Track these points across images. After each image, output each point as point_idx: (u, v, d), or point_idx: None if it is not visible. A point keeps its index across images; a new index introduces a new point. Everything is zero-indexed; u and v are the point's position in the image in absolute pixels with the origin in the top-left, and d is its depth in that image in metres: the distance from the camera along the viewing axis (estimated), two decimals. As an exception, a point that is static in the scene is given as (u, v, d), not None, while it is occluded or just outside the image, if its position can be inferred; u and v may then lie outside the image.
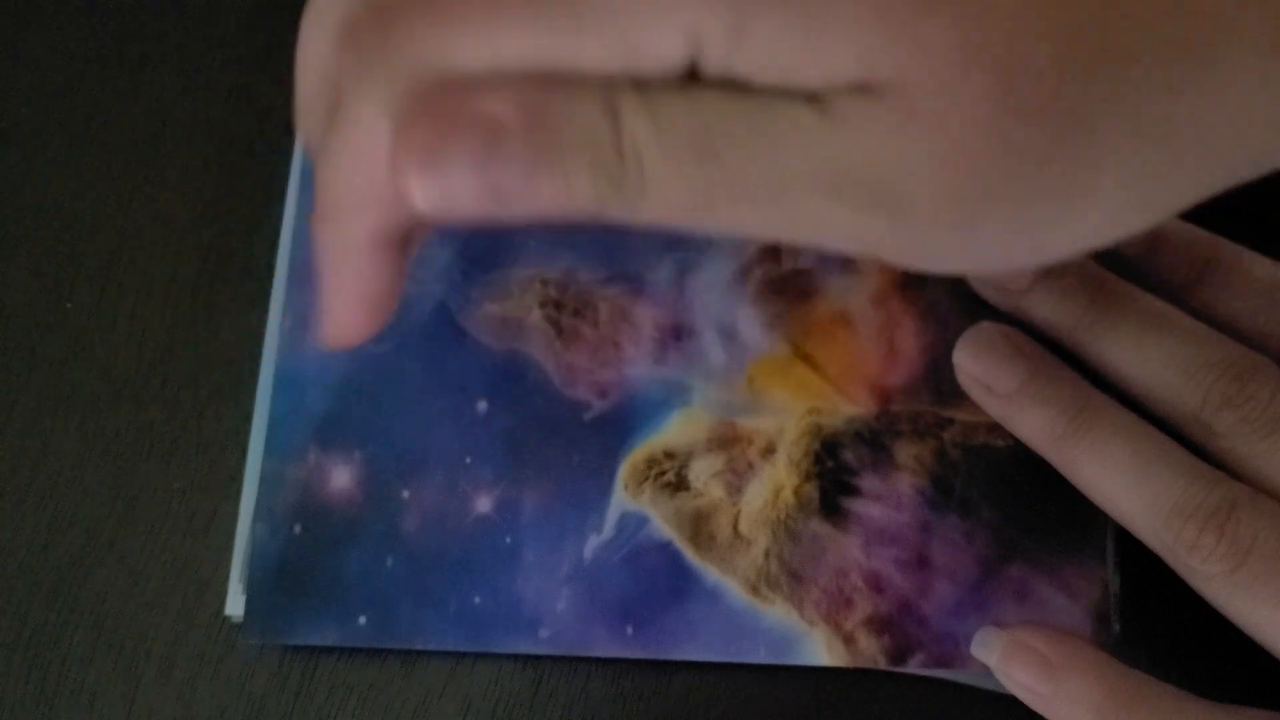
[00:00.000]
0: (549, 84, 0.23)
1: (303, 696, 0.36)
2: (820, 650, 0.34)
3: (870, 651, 0.34)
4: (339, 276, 0.27)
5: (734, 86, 0.23)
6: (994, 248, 0.25)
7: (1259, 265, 0.34)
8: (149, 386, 0.38)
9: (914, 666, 0.34)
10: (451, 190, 0.23)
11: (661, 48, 0.22)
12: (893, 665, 0.34)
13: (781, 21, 0.22)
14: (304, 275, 0.37)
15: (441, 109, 0.23)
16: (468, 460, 0.35)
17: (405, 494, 0.35)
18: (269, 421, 0.36)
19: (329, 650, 0.36)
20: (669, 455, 0.35)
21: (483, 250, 0.37)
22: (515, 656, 0.35)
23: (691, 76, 0.23)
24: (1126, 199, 0.24)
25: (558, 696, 0.35)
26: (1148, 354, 0.32)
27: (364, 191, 0.25)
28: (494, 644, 0.34)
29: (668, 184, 0.23)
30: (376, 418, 0.36)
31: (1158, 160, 0.24)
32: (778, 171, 0.23)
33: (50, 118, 0.41)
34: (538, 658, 0.35)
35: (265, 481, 0.36)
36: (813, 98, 0.22)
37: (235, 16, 0.42)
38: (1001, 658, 0.32)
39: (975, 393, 0.34)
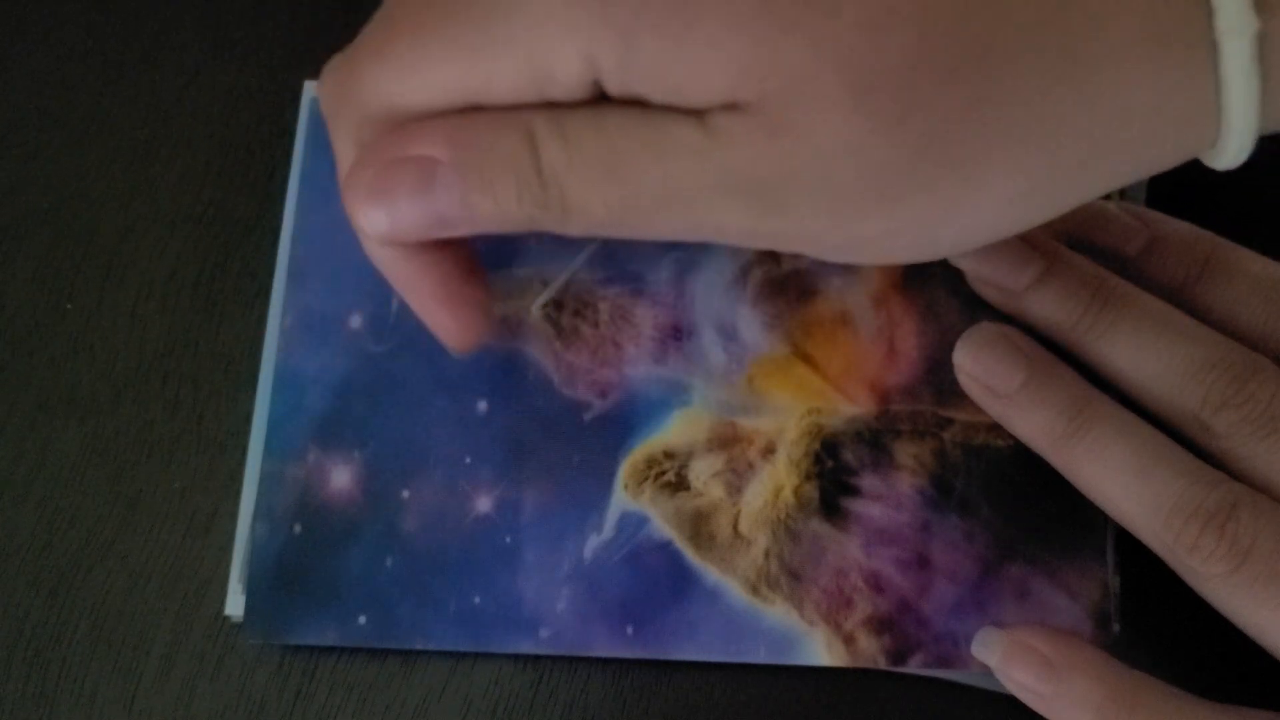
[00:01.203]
0: (474, 118, 0.27)
1: (303, 696, 0.36)
2: (820, 650, 0.34)
3: (870, 651, 0.34)
4: (403, 292, 0.31)
5: (636, 105, 0.26)
6: (886, 242, 0.27)
7: (1258, 265, 0.34)
8: (149, 386, 0.38)
9: (914, 666, 0.34)
10: (398, 220, 0.28)
11: (566, 70, 0.25)
12: (893, 665, 0.34)
13: (660, 46, 0.24)
14: (304, 275, 0.37)
15: (383, 152, 0.27)
16: (468, 460, 0.35)
17: (405, 494, 0.35)
18: (269, 421, 0.36)
19: (329, 650, 0.36)
20: (669, 455, 0.35)
21: (483, 250, 0.37)
22: (515, 656, 0.35)
23: (601, 98, 0.26)
24: (1014, 194, 0.26)
25: (558, 696, 0.35)
26: (1147, 354, 0.32)
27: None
28: (494, 644, 0.34)
29: (586, 201, 0.26)
30: (376, 418, 0.36)
31: (1040, 158, 0.25)
32: (673, 184, 0.26)
33: (50, 118, 0.41)
34: (538, 658, 0.35)
35: (265, 481, 0.36)
36: (698, 115, 0.25)
37: (235, 16, 0.42)
38: (1002, 658, 0.32)
39: (975, 393, 0.34)
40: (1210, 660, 0.34)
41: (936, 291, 0.36)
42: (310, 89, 0.39)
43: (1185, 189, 0.38)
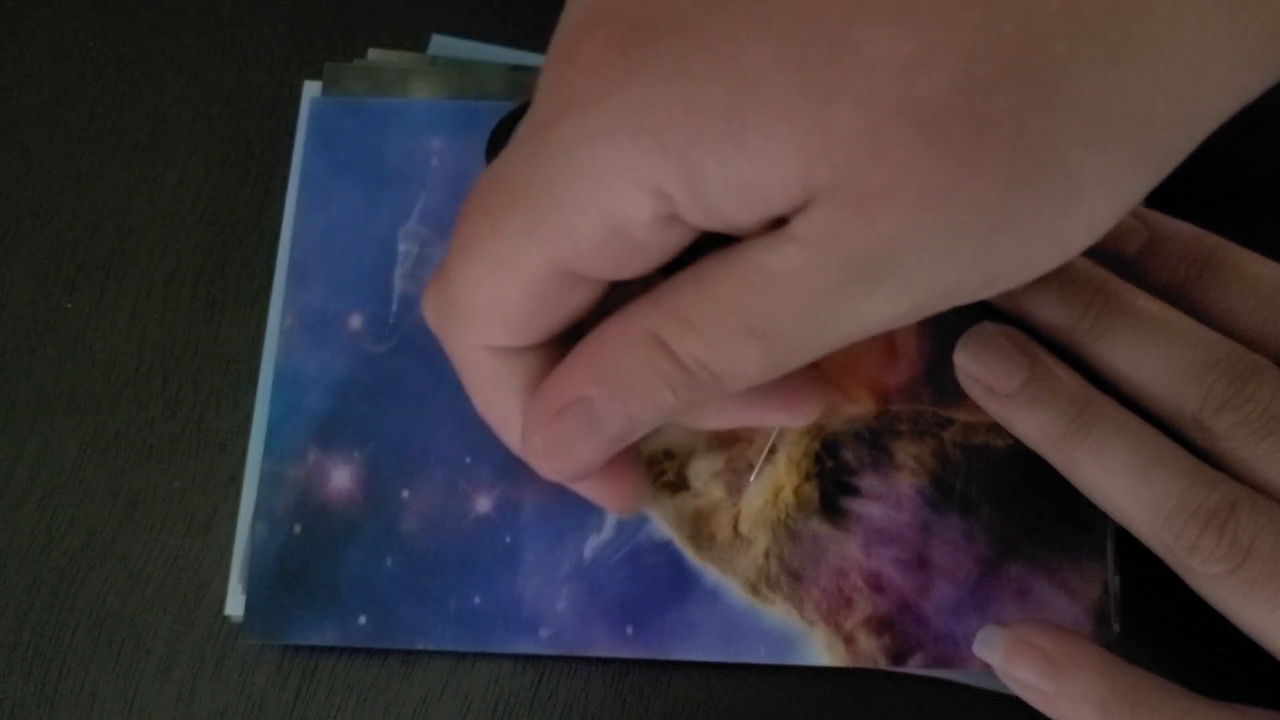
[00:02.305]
0: (602, 343, 0.28)
1: (303, 696, 0.36)
2: (820, 650, 0.34)
3: (870, 651, 0.34)
4: (571, 481, 0.31)
5: (730, 252, 0.25)
6: (1023, 266, 0.25)
7: (1258, 265, 0.34)
8: (149, 386, 0.38)
9: (914, 666, 0.34)
10: (581, 462, 0.29)
11: (640, 214, 0.25)
12: (893, 665, 0.34)
13: (722, 160, 0.24)
14: (304, 275, 0.37)
15: (541, 411, 0.28)
16: (467, 460, 0.35)
17: (405, 494, 0.35)
18: (269, 421, 0.36)
19: (329, 650, 0.36)
20: (669, 455, 0.35)
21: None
22: (515, 656, 0.35)
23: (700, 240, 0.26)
24: (1119, 170, 0.24)
25: (558, 696, 0.35)
26: (1147, 355, 0.32)
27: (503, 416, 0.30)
28: (494, 644, 0.34)
29: (736, 368, 0.26)
30: (376, 418, 0.36)
31: (1128, 130, 0.24)
32: (802, 311, 0.25)
33: (50, 117, 0.41)
34: (538, 657, 0.35)
35: (265, 481, 0.36)
36: (789, 232, 0.24)
37: (235, 16, 0.42)
38: (1004, 656, 0.32)
39: (976, 393, 0.34)
40: (1210, 660, 0.34)
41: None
42: (310, 89, 0.39)
43: (1185, 189, 0.38)
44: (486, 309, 0.27)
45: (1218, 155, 0.39)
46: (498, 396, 0.30)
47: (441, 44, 0.40)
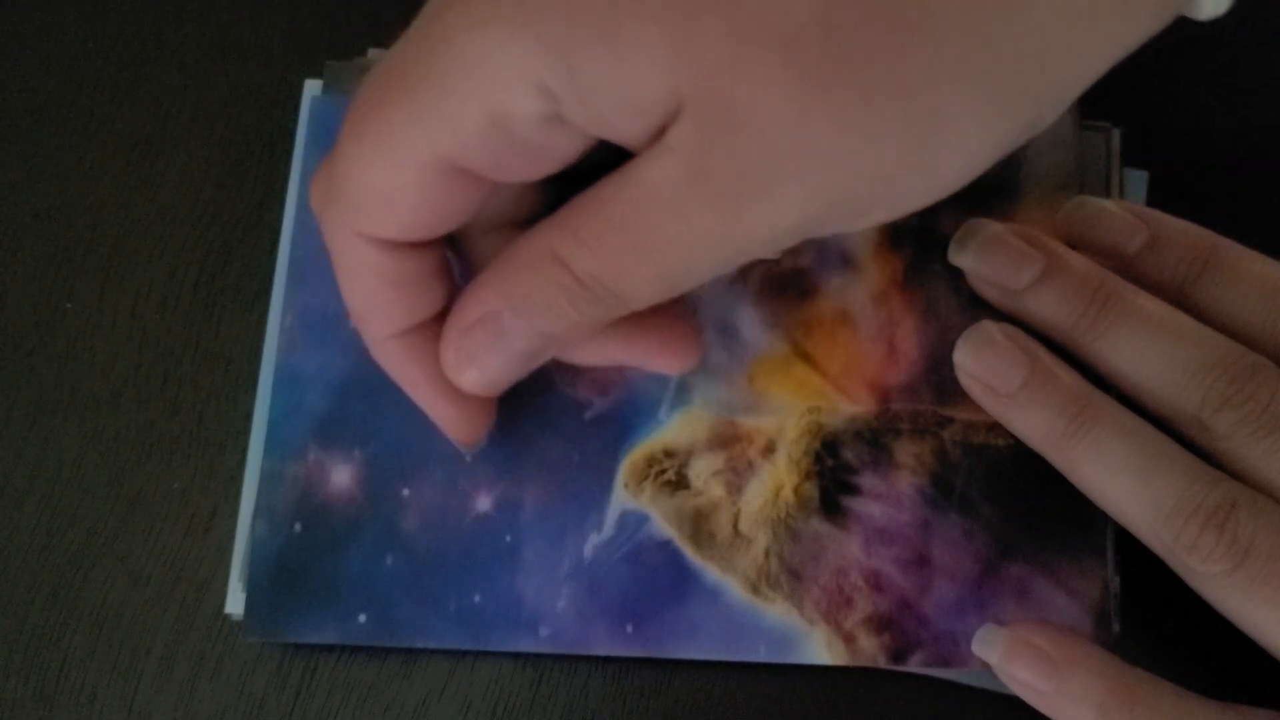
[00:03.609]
0: (507, 262, 0.29)
1: (303, 696, 0.36)
2: (820, 649, 0.34)
3: (870, 650, 0.34)
4: (410, 387, 0.32)
5: (620, 170, 0.26)
6: (890, 196, 0.26)
7: (1258, 264, 0.34)
8: (149, 386, 0.38)
9: (914, 665, 0.34)
10: (491, 372, 0.30)
11: (523, 106, 0.25)
12: (893, 664, 0.34)
13: (597, 56, 0.24)
14: (304, 275, 0.37)
15: (451, 326, 0.30)
16: (468, 459, 0.35)
17: (405, 492, 0.35)
18: (269, 421, 0.36)
19: (329, 649, 0.36)
20: (669, 454, 0.35)
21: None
22: (515, 655, 0.35)
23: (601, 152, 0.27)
24: (986, 108, 0.25)
25: (558, 695, 0.35)
26: (1147, 354, 0.32)
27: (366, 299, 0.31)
28: (494, 642, 0.34)
29: (632, 285, 0.28)
30: (376, 416, 0.36)
31: (997, 65, 0.25)
32: (685, 225, 0.26)
33: (50, 118, 0.41)
34: (538, 656, 0.35)
35: (265, 480, 0.36)
36: (665, 144, 0.25)
37: (235, 16, 0.42)
38: (1003, 655, 0.32)
39: (976, 392, 0.34)
40: (1210, 660, 0.34)
41: (937, 290, 0.36)
42: (310, 89, 0.39)
43: (1185, 188, 0.38)
44: (372, 195, 0.28)
45: (1218, 155, 0.39)
46: (367, 287, 0.30)
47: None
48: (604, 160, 0.27)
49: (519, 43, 0.25)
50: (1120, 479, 0.31)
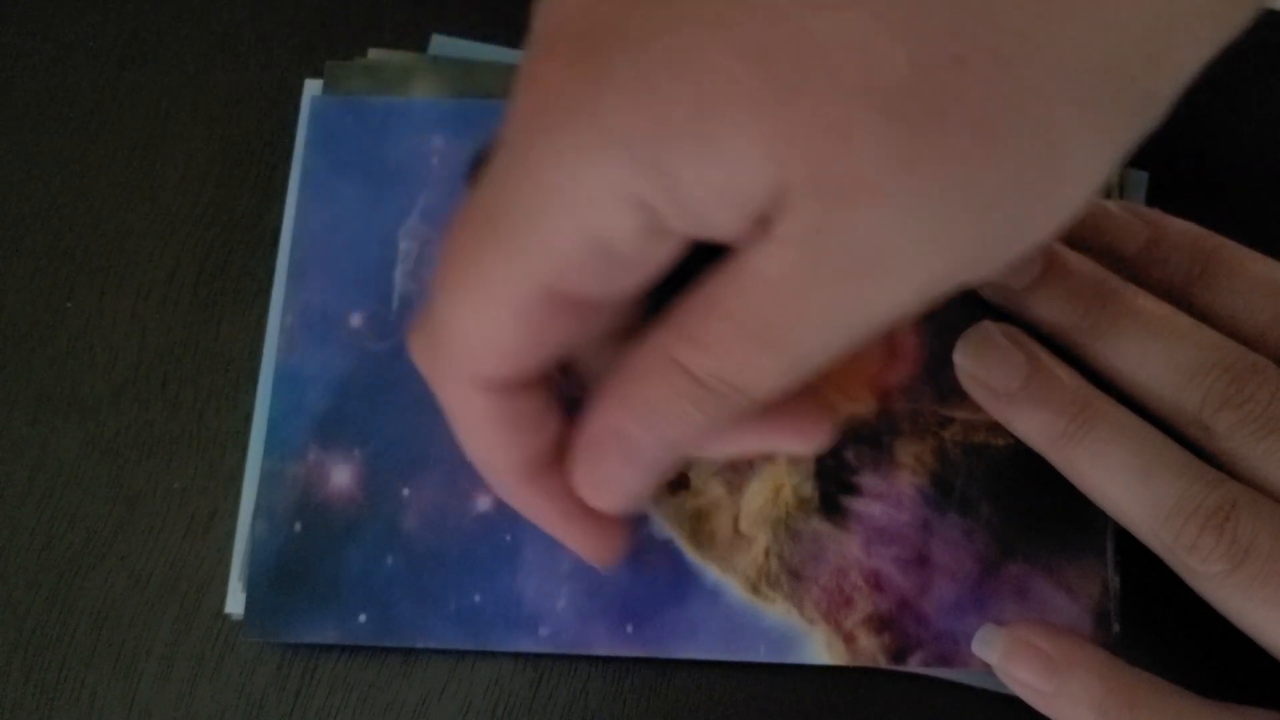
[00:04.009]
0: (622, 374, 0.28)
1: (303, 696, 0.36)
2: (820, 649, 0.34)
3: (870, 650, 0.34)
4: (539, 520, 0.31)
5: (722, 264, 0.25)
6: (1019, 234, 0.25)
7: (1259, 264, 0.34)
8: (149, 386, 0.38)
9: (914, 665, 0.34)
10: (624, 489, 0.29)
11: (621, 227, 0.24)
12: (893, 664, 0.34)
13: (692, 159, 0.23)
14: (304, 275, 0.37)
15: (578, 447, 0.29)
16: (468, 459, 0.35)
17: (405, 492, 0.35)
18: (269, 421, 0.36)
19: (329, 649, 0.36)
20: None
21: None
22: (515, 655, 0.35)
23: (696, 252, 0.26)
24: (1089, 122, 0.24)
25: (558, 695, 0.35)
26: (1147, 355, 0.32)
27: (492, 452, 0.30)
28: (494, 642, 0.34)
29: (757, 380, 0.26)
30: (376, 416, 0.36)
31: (1097, 85, 0.23)
32: (807, 312, 0.25)
33: (50, 117, 0.41)
34: (538, 656, 0.35)
35: (265, 480, 0.36)
36: (770, 233, 0.24)
37: (235, 16, 0.42)
38: (1003, 655, 0.32)
39: (975, 392, 0.34)
40: (1210, 660, 0.34)
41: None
42: (310, 88, 0.39)
43: (1185, 188, 0.38)
44: (477, 342, 0.27)
45: (1218, 155, 0.39)
46: (485, 432, 0.29)
47: (441, 44, 0.40)
48: (698, 252, 0.26)
49: (611, 162, 0.24)
50: (1120, 479, 0.31)
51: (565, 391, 0.31)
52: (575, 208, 0.24)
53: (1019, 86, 0.23)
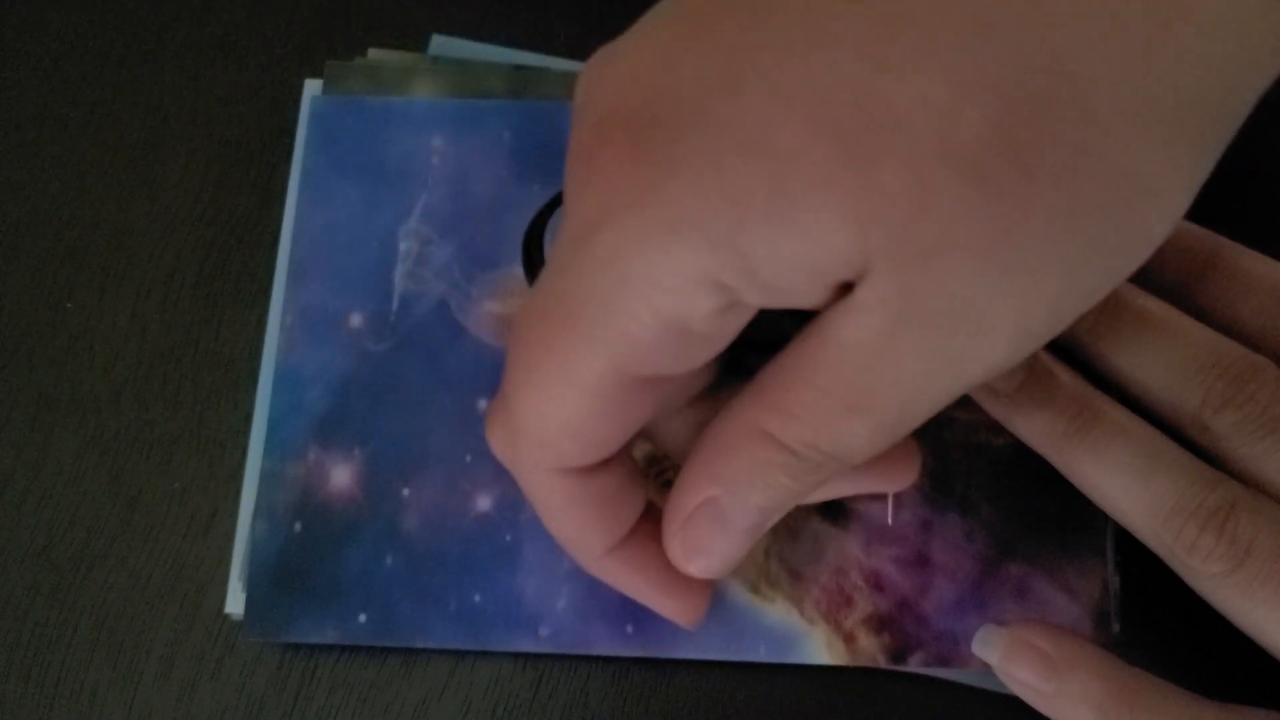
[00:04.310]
0: (713, 445, 0.28)
1: (303, 696, 0.36)
2: (820, 649, 0.34)
3: (870, 650, 0.34)
4: (633, 593, 0.32)
5: (804, 333, 0.25)
6: (1091, 290, 0.25)
7: (1259, 264, 0.34)
8: (149, 386, 0.38)
9: (914, 665, 0.34)
10: (719, 558, 0.30)
11: (699, 311, 0.24)
12: (893, 664, 0.34)
13: (772, 242, 0.23)
14: (304, 275, 0.37)
15: (671, 520, 0.29)
16: (468, 458, 0.35)
17: (405, 492, 0.35)
18: (269, 420, 0.36)
19: (329, 649, 0.36)
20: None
21: (482, 248, 0.37)
22: (515, 655, 0.35)
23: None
24: (1178, 176, 0.24)
25: (558, 695, 0.35)
26: (1148, 355, 0.32)
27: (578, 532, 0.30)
28: (494, 642, 0.34)
29: (849, 445, 0.26)
30: (377, 416, 0.36)
31: (1179, 124, 0.23)
32: (894, 377, 0.25)
33: (50, 117, 0.41)
34: (538, 656, 0.35)
35: (265, 480, 0.36)
36: (851, 300, 0.24)
37: (235, 16, 0.42)
38: (1003, 655, 0.32)
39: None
40: (1210, 660, 0.34)
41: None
42: (310, 88, 0.39)
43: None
44: (555, 430, 0.27)
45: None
46: (573, 518, 0.29)
47: (441, 44, 0.40)
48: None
49: (685, 247, 0.23)
50: (1120, 479, 0.31)
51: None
52: (651, 294, 0.24)
53: (1100, 133, 0.22)
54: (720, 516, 0.29)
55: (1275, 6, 0.23)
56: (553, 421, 0.27)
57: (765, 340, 0.27)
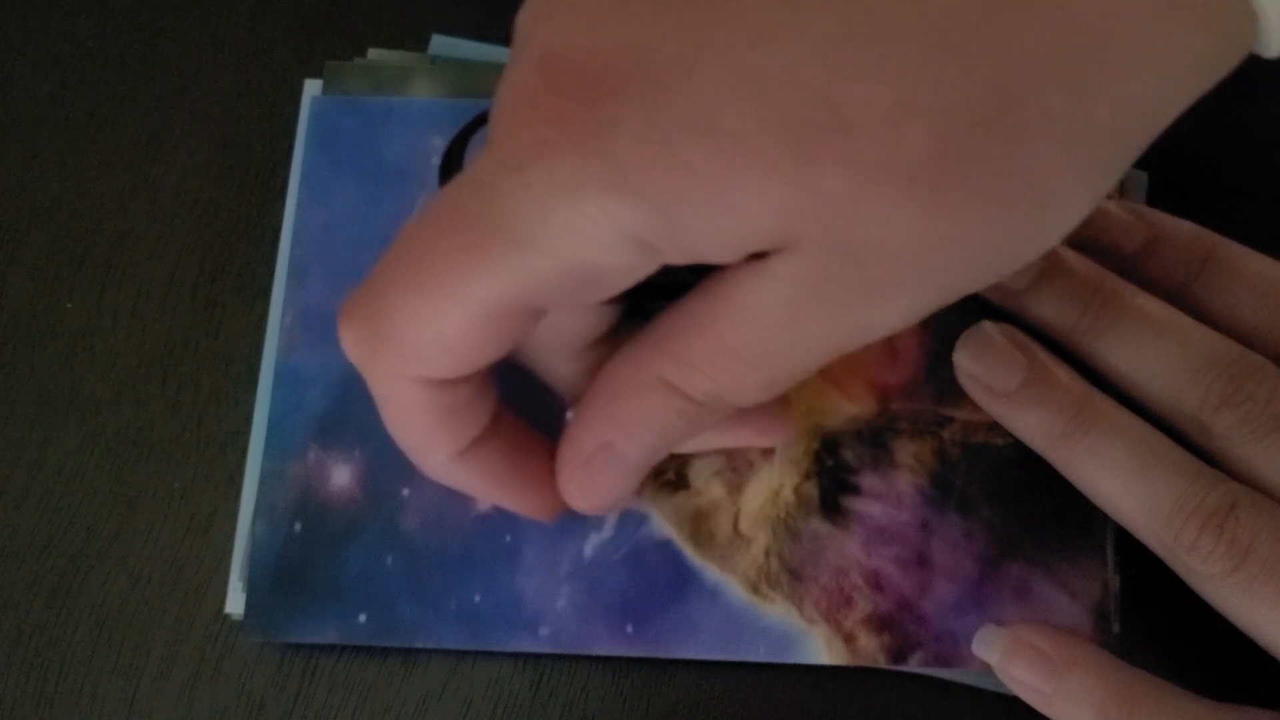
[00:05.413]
0: (611, 392, 0.29)
1: (303, 696, 0.36)
2: (820, 649, 0.34)
3: (870, 650, 0.34)
4: (478, 494, 0.32)
5: (712, 287, 0.27)
6: (979, 281, 0.27)
7: (1258, 264, 0.34)
8: (149, 386, 0.38)
9: (914, 665, 0.34)
10: (611, 496, 0.31)
11: (613, 261, 0.25)
12: (893, 664, 0.34)
13: (703, 211, 0.24)
14: (304, 275, 0.37)
15: (566, 461, 0.31)
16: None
17: (405, 492, 0.35)
18: (269, 420, 0.36)
19: (329, 649, 0.36)
20: (669, 454, 0.35)
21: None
22: (515, 655, 0.35)
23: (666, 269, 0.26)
24: (1088, 182, 0.26)
25: (558, 695, 0.35)
26: (1147, 354, 0.32)
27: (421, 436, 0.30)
28: (494, 642, 0.34)
29: (742, 393, 0.28)
30: (376, 416, 0.36)
31: (1098, 151, 0.25)
32: (796, 335, 0.26)
33: (50, 117, 0.41)
34: (538, 656, 0.35)
35: (265, 480, 0.36)
36: (767, 266, 0.25)
37: (235, 16, 0.42)
38: (1003, 656, 0.32)
39: (975, 392, 0.34)
40: (1210, 660, 0.34)
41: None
42: (310, 88, 0.39)
43: (1185, 188, 0.38)
44: (430, 342, 0.27)
45: (1218, 155, 0.39)
46: (422, 426, 0.29)
47: (441, 44, 0.40)
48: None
49: (617, 204, 0.24)
50: (1119, 479, 0.31)
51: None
52: (572, 240, 0.25)
53: (1029, 156, 0.24)
54: (618, 459, 0.30)
55: (1190, 60, 0.25)
56: (431, 334, 0.27)
57: (665, 286, 0.28)
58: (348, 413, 0.36)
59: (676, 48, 0.24)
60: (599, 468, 0.30)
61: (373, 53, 0.40)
